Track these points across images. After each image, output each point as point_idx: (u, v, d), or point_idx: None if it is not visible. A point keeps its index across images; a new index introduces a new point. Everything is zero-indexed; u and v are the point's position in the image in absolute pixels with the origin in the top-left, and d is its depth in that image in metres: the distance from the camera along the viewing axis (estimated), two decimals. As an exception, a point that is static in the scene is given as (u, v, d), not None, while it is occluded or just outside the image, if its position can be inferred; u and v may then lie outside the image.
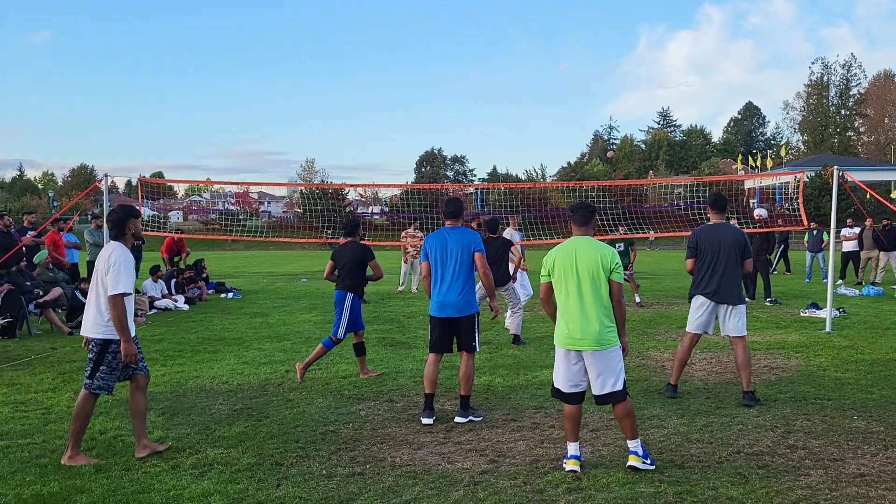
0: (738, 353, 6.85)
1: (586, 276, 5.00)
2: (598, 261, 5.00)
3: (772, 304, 14.38)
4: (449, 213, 6.46)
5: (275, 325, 12.19)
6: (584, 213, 5.22)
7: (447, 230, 6.40)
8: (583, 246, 5.08)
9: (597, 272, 4.99)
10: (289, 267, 28.45)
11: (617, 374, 5.02)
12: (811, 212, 30.37)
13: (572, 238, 5.19)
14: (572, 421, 5.08)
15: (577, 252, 5.06)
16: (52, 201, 70.91)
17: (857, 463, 5.11)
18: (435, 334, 6.46)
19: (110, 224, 5.39)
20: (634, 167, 78.22)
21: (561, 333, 5.09)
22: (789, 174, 41.96)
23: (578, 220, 5.22)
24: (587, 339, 4.97)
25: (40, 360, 9.11)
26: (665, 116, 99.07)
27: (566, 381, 5.10)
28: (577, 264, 5.03)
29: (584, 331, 4.97)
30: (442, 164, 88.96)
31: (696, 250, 7.00)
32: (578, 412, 5.11)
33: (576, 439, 5.08)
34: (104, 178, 12.62)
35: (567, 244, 5.16)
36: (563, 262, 5.07)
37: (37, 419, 6.39)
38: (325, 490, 4.68)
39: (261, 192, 78.75)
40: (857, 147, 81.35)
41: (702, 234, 7.02)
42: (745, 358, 6.81)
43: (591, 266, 5.00)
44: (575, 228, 5.23)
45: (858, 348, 9.47)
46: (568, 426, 5.09)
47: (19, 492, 4.66)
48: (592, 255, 5.02)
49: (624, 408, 5.03)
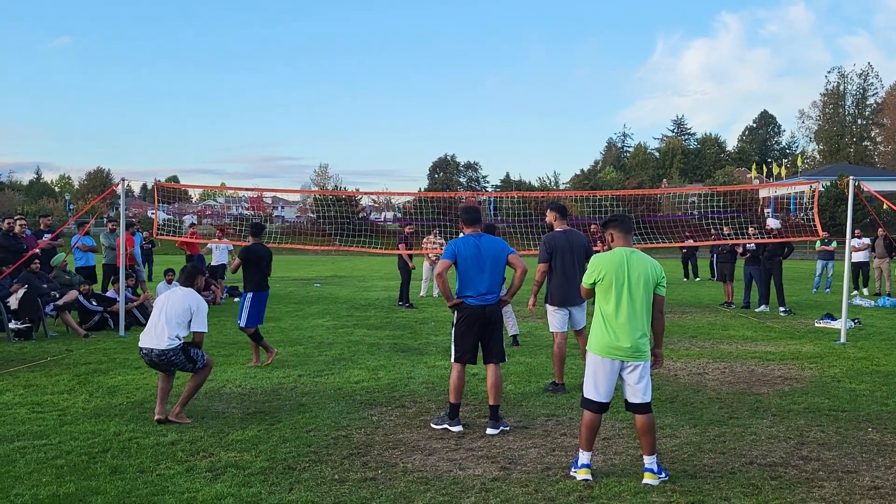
0: (581, 342, 7.69)
1: (638, 287, 5.01)
2: (648, 273, 5.04)
3: (786, 314, 14.28)
4: (469, 220, 6.52)
5: (287, 329, 12.24)
6: (629, 223, 5.28)
7: (475, 237, 6.44)
8: (633, 257, 5.08)
9: (647, 284, 5.03)
10: (301, 272, 28.55)
11: (650, 385, 5.09)
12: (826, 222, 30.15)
13: (620, 248, 5.16)
14: (593, 430, 5.06)
15: (629, 263, 5.06)
16: (68, 204, 71.59)
17: (871, 475, 5.08)
18: (467, 340, 6.30)
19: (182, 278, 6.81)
20: (648, 175, 78.01)
21: (604, 342, 5.03)
22: (804, 184, 41.72)
23: (625, 228, 5.23)
24: (632, 350, 4.97)
25: (56, 362, 9.20)
26: (679, 124, 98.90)
27: (604, 390, 5.05)
28: (628, 275, 5.02)
29: (632, 342, 4.96)
30: (455, 171, 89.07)
31: (551, 256, 7.67)
32: (600, 422, 5.12)
33: (591, 448, 5.08)
34: (121, 181, 12.75)
35: (617, 254, 5.12)
36: (615, 272, 5.04)
37: (53, 420, 6.45)
38: (337, 495, 4.70)
39: (274, 197, 79.12)
40: (874, 157, 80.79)
41: (553, 241, 7.67)
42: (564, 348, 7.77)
43: (642, 278, 5.02)
44: (620, 239, 5.21)
45: (873, 360, 9.40)
46: (588, 435, 5.05)
47: (35, 492, 4.71)
48: (643, 267, 5.05)
49: (650, 420, 5.02)
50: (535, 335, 11.57)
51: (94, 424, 6.32)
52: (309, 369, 8.75)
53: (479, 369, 8.77)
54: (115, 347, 10.35)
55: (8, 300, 10.97)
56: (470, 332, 6.29)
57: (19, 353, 9.87)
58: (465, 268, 6.29)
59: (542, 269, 7.76)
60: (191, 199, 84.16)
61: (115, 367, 8.86)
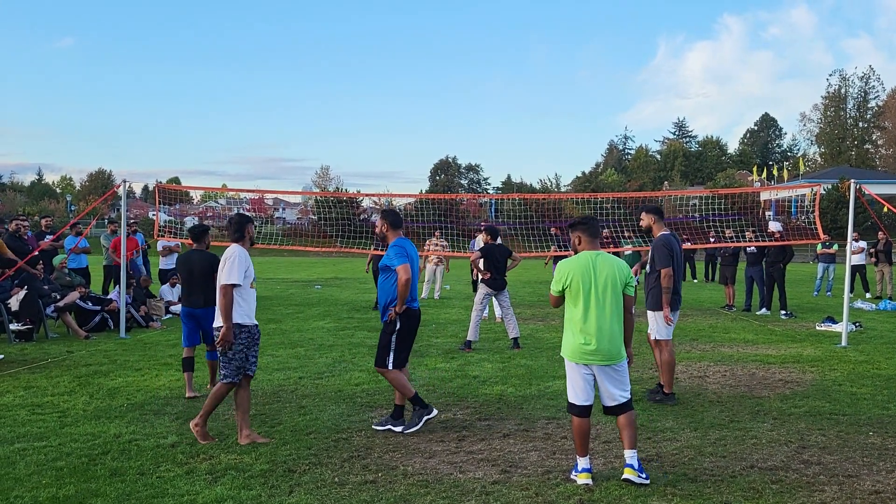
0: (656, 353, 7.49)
1: (607, 290, 4.99)
2: (616, 275, 5.03)
3: (787, 317, 14.28)
4: (396, 224, 6.52)
5: (288, 331, 12.24)
6: (596, 225, 5.22)
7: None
8: (599, 260, 5.06)
9: (615, 286, 5.02)
10: (302, 273, 28.56)
11: (627, 385, 5.10)
12: (827, 224, 30.14)
13: (586, 252, 5.14)
14: (585, 434, 5.03)
15: (596, 266, 5.03)
16: (69, 205, 71.63)
17: (872, 480, 5.06)
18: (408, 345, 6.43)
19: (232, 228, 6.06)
20: (649, 178, 78.00)
21: (575, 348, 5.03)
22: (805, 187, 41.69)
23: (592, 232, 5.18)
24: (604, 354, 4.97)
25: (57, 364, 9.20)
26: (681, 126, 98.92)
27: (584, 394, 5.06)
28: (595, 279, 5.00)
29: (602, 346, 4.96)
30: (456, 173, 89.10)
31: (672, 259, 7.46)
32: (589, 425, 5.11)
33: (587, 453, 5.07)
34: (122, 183, 12.75)
35: (583, 258, 5.10)
36: (581, 277, 5.02)
37: (53, 422, 6.45)
38: (337, 498, 4.70)
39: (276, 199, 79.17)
40: (875, 160, 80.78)
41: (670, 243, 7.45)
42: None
43: (610, 280, 5.00)
44: (587, 242, 5.17)
45: (875, 363, 9.38)
46: (580, 440, 5.03)
47: (35, 494, 4.71)
48: (610, 269, 5.03)
49: (630, 416, 5.05)
50: (536, 338, 11.56)
51: (94, 426, 6.32)
52: (309, 371, 8.75)
53: (481, 371, 8.77)
54: (116, 349, 10.35)
55: (9, 301, 10.98)
56: (409, 337, 6.41)
57: (20, 354, 9.87)
58: (414, 272, 6.27)
59: (669, 272, 7.19)
60: (192, 200, 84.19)
61: (116, 369, 8.86)
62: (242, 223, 6.08)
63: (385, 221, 6.47)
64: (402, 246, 6.26)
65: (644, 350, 10.31)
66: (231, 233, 6.07)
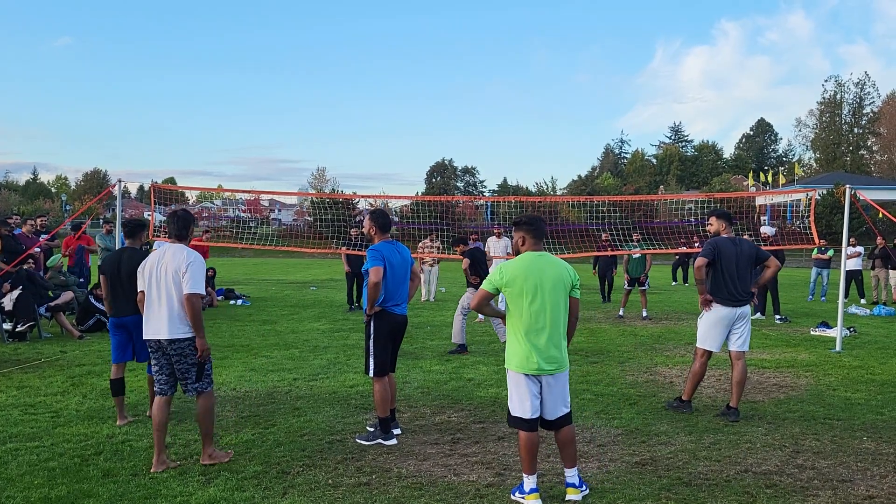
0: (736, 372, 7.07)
1: (554, 293, 4.67)
2: (563, 278, 4.73)
3: (781, 321, 14.30)
4: (385, 226, 6.32)
5: (283, 332, 12.21)
6: (542, 226, 4.84)
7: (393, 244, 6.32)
8: (543, 262, 4.73)
9: (563, 291, 4.72)
10: (298, 275, 28.51)
11: (569, 396, 4.84)
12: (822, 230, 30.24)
13: (530, 254, 4.77)
14: (532, 450, 4.66)
15: (541, 269, 4.69)
16: (64, 205, 71.46)
17: (866, 485, 5.07)
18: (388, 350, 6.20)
19: (178, 225, 5.49)
20: (645, 182, 78.17)
21: (525, 358, 4.64)
22: (801, 192, 41.82)
23: (537, 232, 4.81)
24: (555, 364, 4.66)
25: (50, 364, 9.16)
26: (677, 131, 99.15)
27: (532, 407, 4.66)
28: (541, 282, 4.65)
29: (552, 355, 4.65)
30: (452, 175, 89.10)
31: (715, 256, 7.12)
32: (538, 440, 4.75)
33: (535, 471, 4.70)
34: (117, 183, 12.71)
35: (528, 261, 4.73)
36: (524, 279, 4.65)
37: (46, 422, 6.42)
38: (330, 499, 4.69)
39: (271, 200, 79.08)
40: (870, 166, 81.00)
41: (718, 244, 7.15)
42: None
43: (558, 285, 4.69)
44: (531, 243, 4.80)
45: (869, 368, 9.40)
46: (529, 458, 4.65)
47: (27, 495, 4.69)
48: (556, 271, 4.72)
49: (571, 431, 4.78)
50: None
51: (87, 427, 6.29)
52: (304, 373, 8.73)
53: (475, 373, 8.77)
54: (110, 349, 10.29)
55: (2, 301, 10.93)
56: (390, 342, 6.19)
57: (13, 354, 9.83)
58: (392, 276, 6.09)
59: (701, 262, 6.94)
60: (187, 201, 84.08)
61: (109, 370, 8.81)
62: (189, 221, 5.58)
63: (373, 224, 6.25)
64: (380, 250, 6.07)
65: (640, 353, 10.31)
66: (175, 229, 5.48)
